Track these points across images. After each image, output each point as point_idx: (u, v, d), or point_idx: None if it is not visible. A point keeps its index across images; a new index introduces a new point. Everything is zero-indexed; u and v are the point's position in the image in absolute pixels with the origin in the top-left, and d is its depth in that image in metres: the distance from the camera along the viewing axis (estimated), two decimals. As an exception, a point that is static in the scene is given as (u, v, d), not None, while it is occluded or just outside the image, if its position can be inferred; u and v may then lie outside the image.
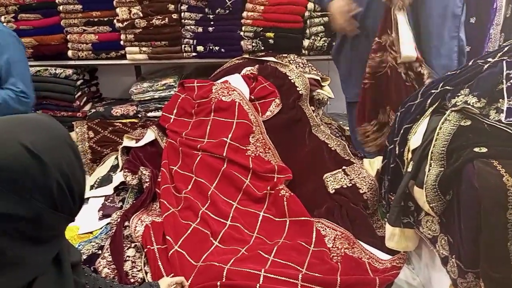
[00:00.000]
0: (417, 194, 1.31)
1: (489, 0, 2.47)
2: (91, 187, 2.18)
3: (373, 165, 1.79)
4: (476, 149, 1.14)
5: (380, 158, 1.74)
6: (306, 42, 2.51)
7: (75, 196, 0.75)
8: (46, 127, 0.75)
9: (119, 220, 1.62)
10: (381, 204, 1.75)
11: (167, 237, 1.52)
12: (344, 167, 1.85)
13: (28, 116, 0.77)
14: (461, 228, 1.15)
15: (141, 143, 2.17)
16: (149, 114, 2.71)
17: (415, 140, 1.37)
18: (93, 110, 2.75)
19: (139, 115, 2.74)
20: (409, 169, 1.32)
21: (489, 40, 2.64)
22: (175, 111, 2.16)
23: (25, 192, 0.68)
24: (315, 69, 2.43)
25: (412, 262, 1.59)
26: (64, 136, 0.77)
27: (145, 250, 1.47)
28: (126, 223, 1.60)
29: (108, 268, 1.45)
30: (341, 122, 2.52)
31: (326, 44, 2.52)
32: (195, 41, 2.55)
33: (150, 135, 2.20)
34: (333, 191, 1.76)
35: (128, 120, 2.71)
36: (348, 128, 2.31)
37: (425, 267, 1.48)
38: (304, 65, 2.39)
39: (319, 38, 2.52)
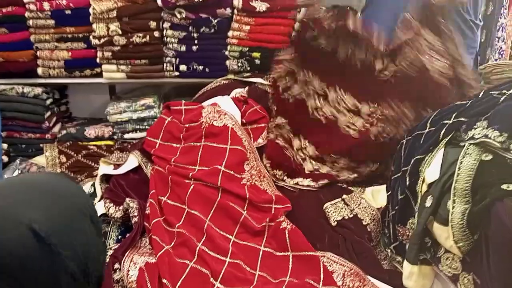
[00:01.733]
0: (437, 230, 1.25)
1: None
2: (66, 219, 1.99)
3: (376, 195, 1.73)
4: (504, 186, 1.10)
5: (383, 188, 1.69)
6: (293, 63, 2.45)
7: (90, 276, 0.61)
8: (59, 196, 0.60)
9: (107, 262, 1.46)
10: (383, 233, 1.69)
11: (164, 280, 1.38)
12: (343, 196, 1.79)
13: (37, 181, 0.62)
14: (490, 269, 1.10)
15: (123, 170, 2.01)
16: (126, 136, 2.55)
17: (431, 172, 1.32)
18: (63, 132, 2.54)
19: (115, 137, 2.57)
20: (428, 204, 1.27)
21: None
22: (161, 135, 2.02)
23: (24, 285, 0.53)
24: (303, 91, 2.37)
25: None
26: (80, 206, 0.63)
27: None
28: (116, 265, 1.44)
29: (98, 319, 1.28)
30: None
31: (313, 65, 2.47)
32: (177, 60, 2.43)
33: (133, 161, 2.04)
34: (335, 223, 1.68)
35: (103, 142, 2.53)
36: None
37: (439, 304, 1.43)
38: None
39: (306, 59, 2.47)
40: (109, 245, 1.67)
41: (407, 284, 1.36)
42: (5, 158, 2.47)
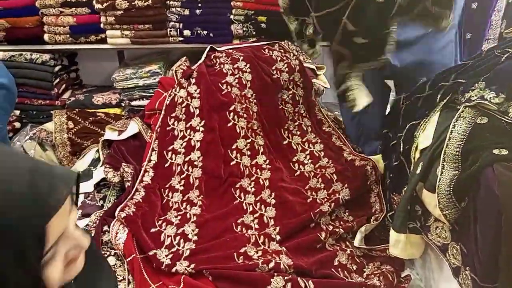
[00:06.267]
0: (426, 198, 1.19)
1: (491, -15, 2.35)
2: (70, 183, 2.03)
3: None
4: (496, 151, 1.02)
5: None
6: (300, 27, 2.36)
7: None
8: None
9: (97, 223, 1.48)
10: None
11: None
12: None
13: None
14: (477, 239, 1.04)
15: (124, 136, 2.01)
16: (133, 103, 2.55)
17: (424, 138, 1.25)
18: (72, 98, 2.57)
19: (122, 104, 2.58)
20: (418, 171, 1.20)
21: (490, 27, 2.53)
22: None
23: None
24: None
25: (416, 266, 1.49)
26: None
27: (127, 260, 1.33)
28: (105, 228, 1.46)
29: (86, 278, 1.31)
30: (336, 113, 2.39)
31: (321, 29, 2.36)
32: (181, 24, 2.38)
33: (133, 127, 2.04)
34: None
35: (111, 110, 2.54)
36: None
37: (432, 274, 1.37)
38: (299, 53, 2.23)
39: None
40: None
41: (393, 252, 1.31)
42: (17, 124, 2.53)
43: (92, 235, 1.45)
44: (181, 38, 2.41)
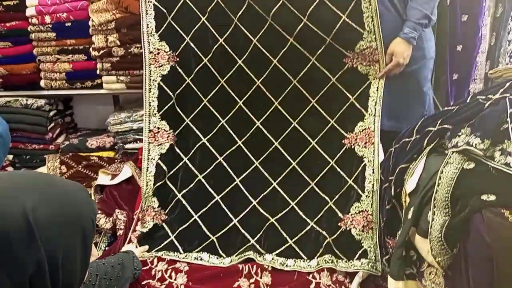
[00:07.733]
0: (419, 243, 1.19)
1: (474, 29, 2.45)
2: (62, 229, 2.01)
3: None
4: (484, 197, 1.04)
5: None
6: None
7: (58, 285, 0.65)
8: (64, 198, 0.67)
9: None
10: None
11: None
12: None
13: (53, 179, 0.70)
14: (470, 285, 1.03)
15: (116, 180, 2.02)
16: (127, 146, 2.56)
17: (411, 182, 1.26)
18: (66, 143, 2.58)
19: (116, 147, 2.58)
20: (409, 216, 1.21)
21: (476, 68, 2.62)
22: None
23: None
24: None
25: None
26: (79, 216, 0.68)
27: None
28: (96, 277, 1.43)
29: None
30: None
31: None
32: (175, 70, 2.44)
33: (127, 171, 2.05)
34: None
35: (105, 154, 2.55)
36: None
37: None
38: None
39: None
40: (98, 255, 1.67)
41: (393, 300, 1.29)
42: (10, 169, 2.53)
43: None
44: (175, 83, 2.46)
